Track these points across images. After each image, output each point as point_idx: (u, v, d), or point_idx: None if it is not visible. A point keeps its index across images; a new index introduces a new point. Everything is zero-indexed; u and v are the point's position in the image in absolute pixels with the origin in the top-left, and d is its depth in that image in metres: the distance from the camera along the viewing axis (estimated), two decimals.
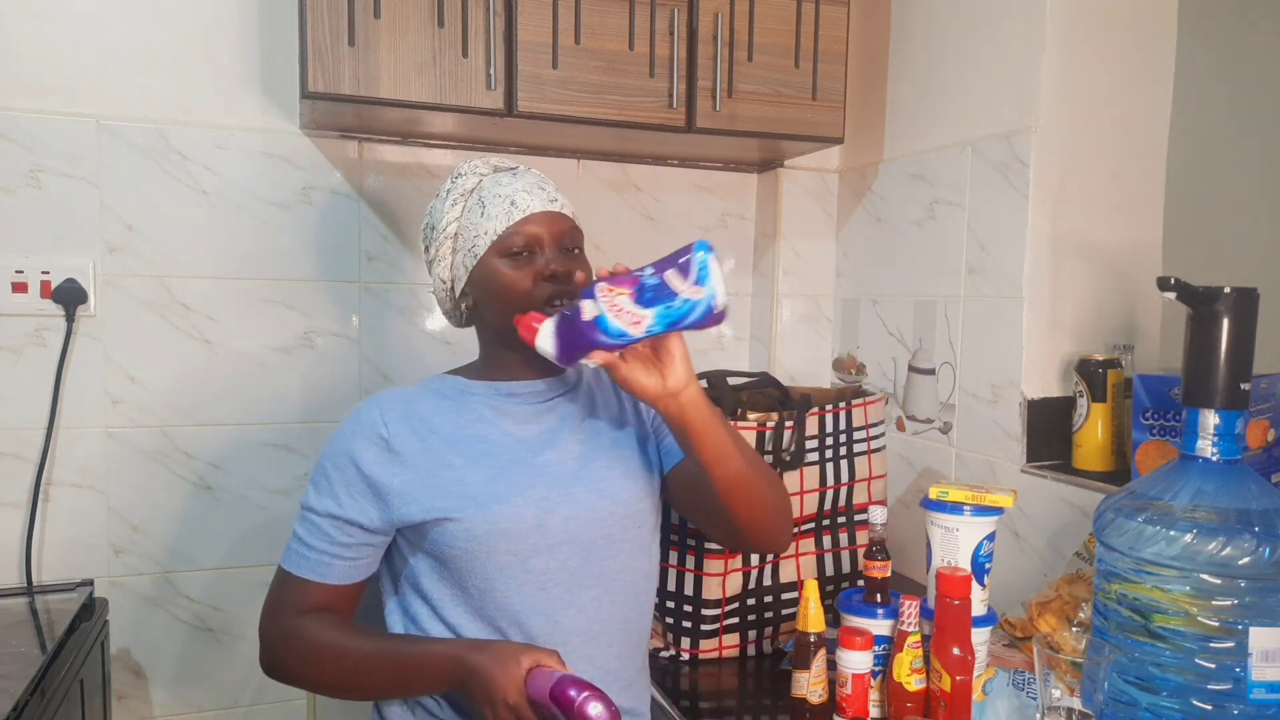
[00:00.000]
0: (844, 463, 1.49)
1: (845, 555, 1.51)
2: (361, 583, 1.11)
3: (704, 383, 1.55)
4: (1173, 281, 0.99)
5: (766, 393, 1.61)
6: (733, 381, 1.56)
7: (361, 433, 1.07)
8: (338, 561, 1.08)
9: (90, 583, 1.60)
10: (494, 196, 1.09)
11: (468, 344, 1.14)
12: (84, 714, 1.45)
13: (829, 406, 1.48)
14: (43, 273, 1.62)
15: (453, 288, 1.14)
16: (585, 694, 0.88)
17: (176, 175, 1.70)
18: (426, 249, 1.16)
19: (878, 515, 1.25)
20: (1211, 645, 0.95)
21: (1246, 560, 0.93)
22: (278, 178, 1.76)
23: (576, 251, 1.12)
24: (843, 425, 1.49)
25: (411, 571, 1.10)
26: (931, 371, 1.77)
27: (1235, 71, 1.85)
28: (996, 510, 1.17)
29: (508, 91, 1.56)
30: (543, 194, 1.11)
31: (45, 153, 1.62)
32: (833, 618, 1.24)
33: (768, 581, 1.43)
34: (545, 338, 0.99)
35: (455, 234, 1.11)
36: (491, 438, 1.10)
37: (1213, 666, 0.95)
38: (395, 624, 1.13)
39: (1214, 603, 0.94)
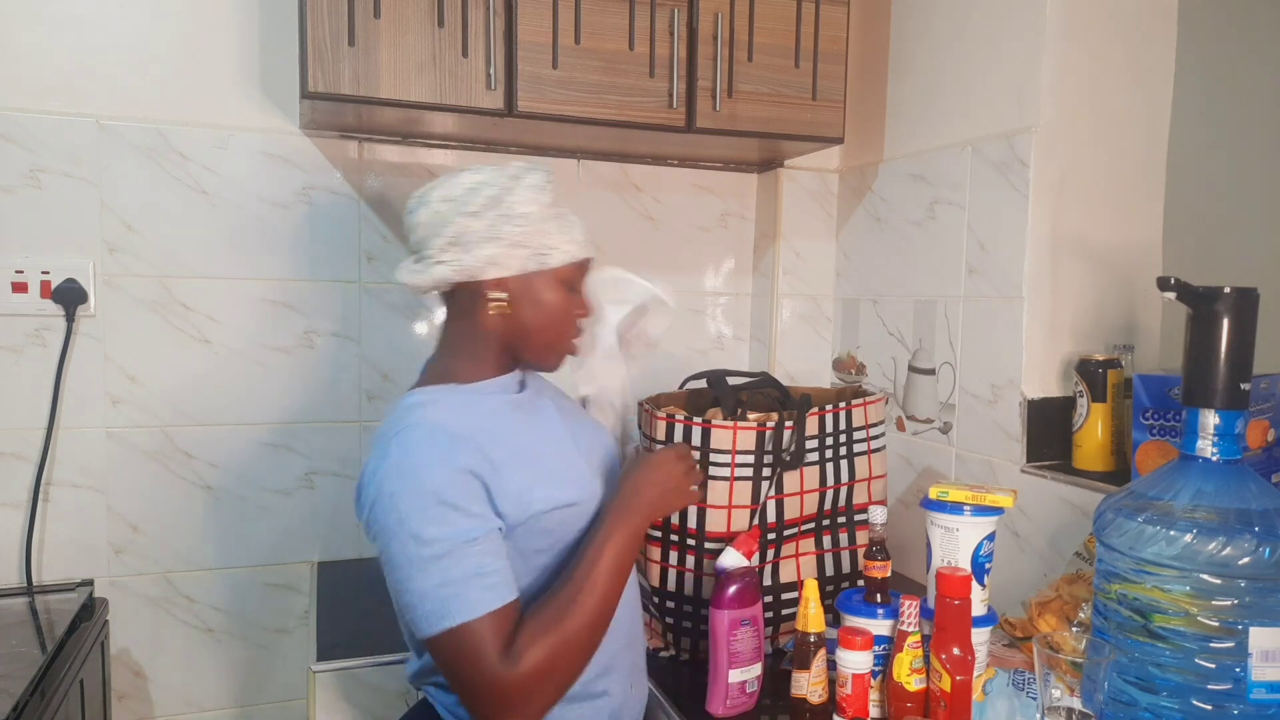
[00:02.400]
0: (844, 463, 1.49)
1: (845, 555, 1.51)
2: None
3: (704, 383, 1.56)
4: (1173, 281, 0.99)
5: (766, 393, 1.60)
6: (733, 381, 1.56)
7: (459, 448, 1.01)
8: (509, 571, 1.01)
9: (90, 583, 1.61)
10: (573, 223, 1.13)
11: None
12: (84, 714, 1.45)
13: (829, 406, 1.48)
14: (43, 273, 1.62)
15: (484, 270, 1.08)
16: None
17: (176, 175, 1.70)
18: (473, 215, 1.07)
19: (878, 515, 1.25)
20: (1211, 645, 0.95)
21: (1246, 560, 0.93)
22: (278, 177, 1.76)
23: None
24: (843, 425, 1.49)
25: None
26: (931, 371, 1.77)
27: (1235, 71, 1.85)
28: (996, 510, 1.17)
29: (508, 91, 1.56)
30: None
31: (45, 153, 1.62)
32: (833, 618, 1.24)
33: (768, 581, 1.43)
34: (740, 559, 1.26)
35: (530, 231, 1.08)
36: (535, 430, 1.14)
37: (1213, 666, 0.95)
38: None
39: (1214, 603, 0.94)
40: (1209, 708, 0.95)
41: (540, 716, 0.99)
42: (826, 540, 1.49)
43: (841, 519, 1.50)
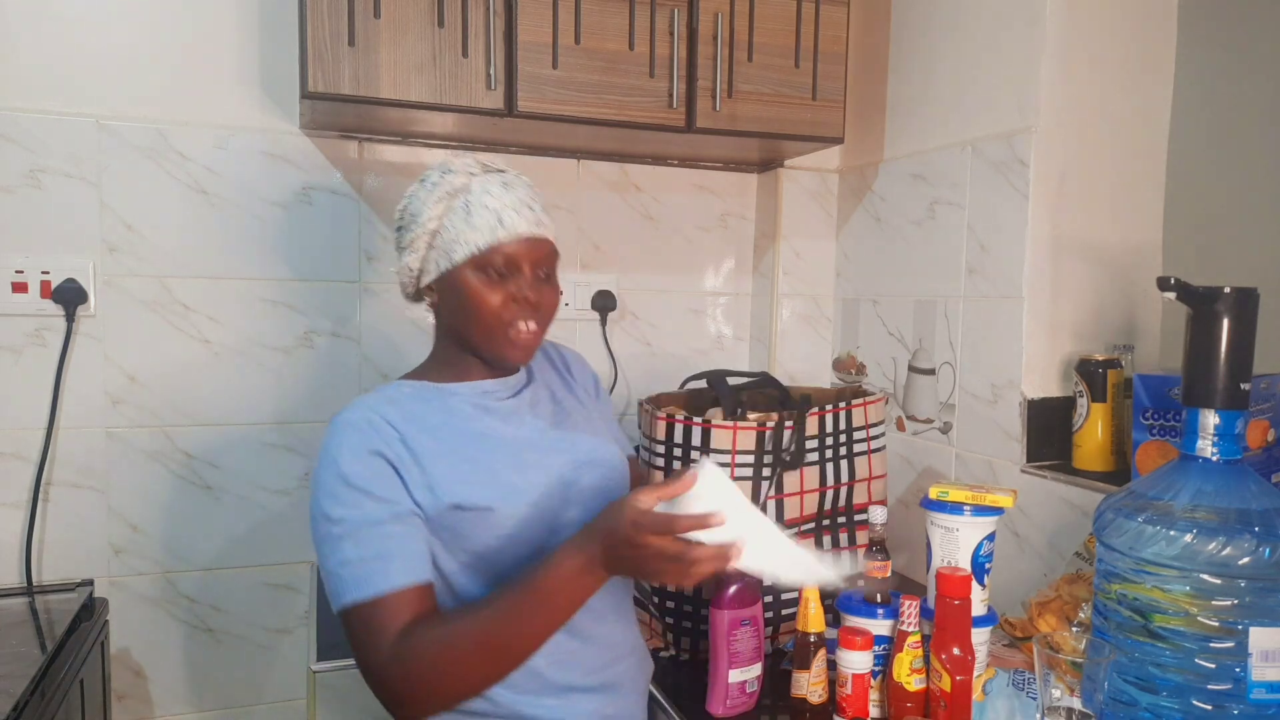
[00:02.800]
0: (844, 463, 1.49)
1: (845, 555, 1.51)
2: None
3: (704, 383, 1.56)
4: (1173, 281, 0.99)
5: (766, 393, 1.61)
6: (733, 381, 1.56)
7: (375, 434, 1.03)
8: (421, 558, 1.01)
9: (90, 583, 1.60)
10: (481, 207, 1.07)
11: None
12: (84, 714, 1.45)
13: (829, 406, 1.48)
14: (43, 273, 1.62)
15: (419, 279, 1.13)
16: None
17: (176, 175, 1.70)
18: (399, 232, 1.13)
19: (878, 515, 1.25)
20: (1211, 645, 0.95)
21: (1246, 560, 0.93)
22: (278, 178, 1.76)
23: (549, 274, 1.13)
24: (843, 425, 1.49)
25: (440, 575, 1.07)
26: (931, 371, 1.77)
27: (1235, 71, 1.85)
28: (996, 510, 1.17)
29: (508, 91, 1.56)
30: (530, 215, 1.09)
31: (45, 153, 1.62)
32: (833, 618, 1.24)
33: (768, 581, 1.43)
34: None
35: (434, 231, 1.08)
36: (491, 434, 1.11)
37: (1213, 666, 0.95)
38: None
39: (1214, 603, 0.94)
40: (1209, 708, 0.95)
41: (420, 715, 0.98)
42: (826, 540, 1.49)
43: (841, 519, 1.50)
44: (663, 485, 0.94)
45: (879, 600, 1.21)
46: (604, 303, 2.01)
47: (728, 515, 0.89)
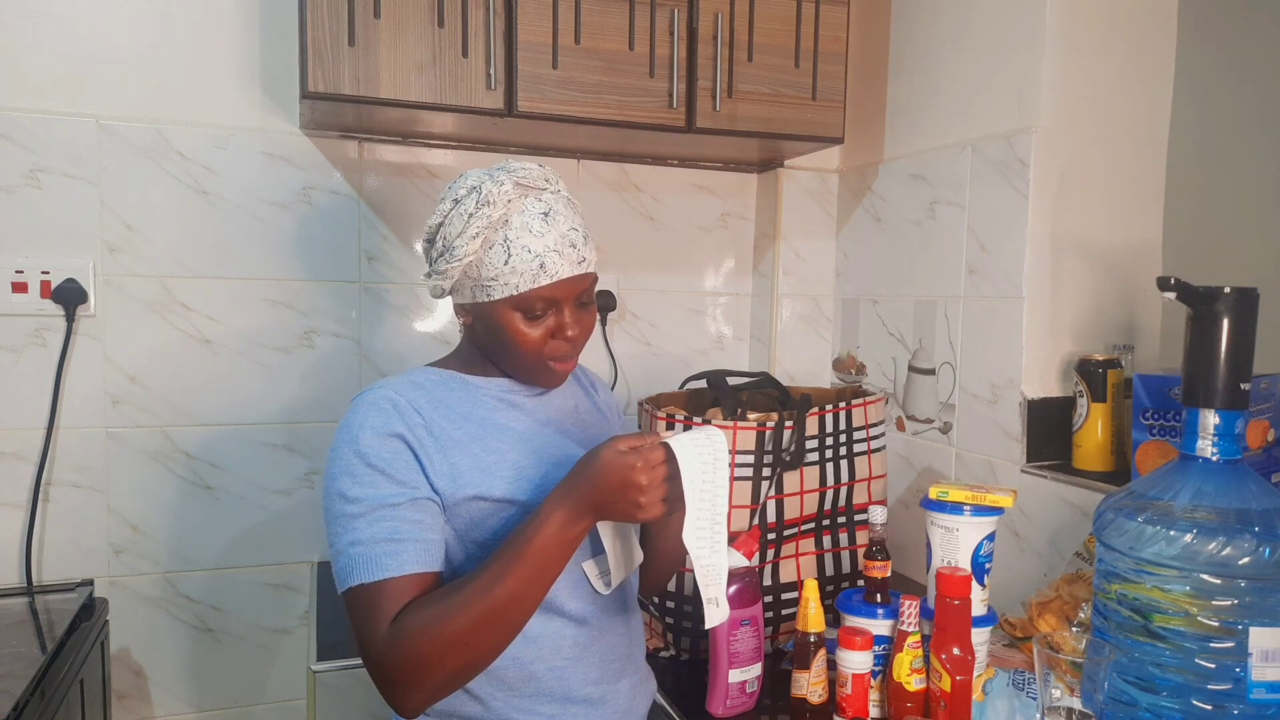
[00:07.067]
0: (844, 463, 1.49)
1: (845, 555, 1.51)
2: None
3: (704, 383, 1.56)
4: (1173, 281, 0.99)
5: (766, 393, 1.61)
6: (733, 381, 1.56)
7: (399, 416, 1.01)
8: (435, 546, 0.99)
9: (90, 583, 1.61)
10: (522, 249, 1.01)
11: None
12: (84, 714, 1.45)
13: (829, 406, 1.48)
14: (43, 273, 1.62)
15: (450, 294, 1.10)
16: None
17: (176, 175, 1.70)
18: (429, 245, 1.09)
19: (878, 515, 1.25)
20: (1211, 645, 0.95)
21: (1246, 560, 0.93)
22: (278, 178, 1.76)
23: (587, 301, 1.10)
24: (843, 425, 1.49)
25: (449, 563, 1.05)
26: (931, 371, 1.77)
27: (1235, 71, 1.85)
28: (996, 510, 1.17)
29: (508, 91, 1.56)
30: (573, 254, 1.04)
31: (45, 153, 1.62)
32: (833, 618, 1.24)
33: (768, 581, 1.43)
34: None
35: (471, 263, 1.04)
36: (517, 427, 1.09)
37: (1213, 666, 0.95)
38: None
39: (1214, 603, 0.94)
40: (1209, 708, 0.95)
41: (419, 702, 0.95)
42: (826, 540, 1.49)
43: (841, 519, 1.50)
44: (632, 437, 0.97)
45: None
46: (604, 303, 2.01)
47: (691, 480, 0.95)
